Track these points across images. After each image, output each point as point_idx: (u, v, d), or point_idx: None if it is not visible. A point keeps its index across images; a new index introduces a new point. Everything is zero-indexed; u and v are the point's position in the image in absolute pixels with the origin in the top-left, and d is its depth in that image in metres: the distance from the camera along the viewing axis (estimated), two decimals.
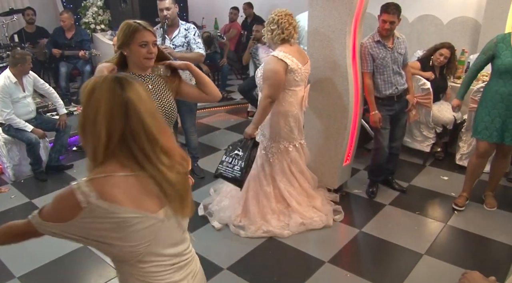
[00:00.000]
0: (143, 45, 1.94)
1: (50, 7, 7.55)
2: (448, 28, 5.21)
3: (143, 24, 1.97)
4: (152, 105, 1.20)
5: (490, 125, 3.24)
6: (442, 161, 4.43)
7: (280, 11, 2.97)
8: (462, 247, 3.12)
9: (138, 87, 1.17)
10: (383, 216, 3.50)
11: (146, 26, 1.96)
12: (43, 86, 4.37)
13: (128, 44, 1.96)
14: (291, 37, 2.97)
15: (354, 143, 3.66)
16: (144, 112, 1.13)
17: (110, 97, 1.12)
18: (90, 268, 2.93)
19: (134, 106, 1.12)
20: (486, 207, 3.49)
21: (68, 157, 4.69)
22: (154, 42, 1.97)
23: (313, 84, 3.49)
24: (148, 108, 1.16)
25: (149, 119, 1.14)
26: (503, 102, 3.16)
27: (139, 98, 1.14)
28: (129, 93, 1.13)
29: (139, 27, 1.94)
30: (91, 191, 1.08)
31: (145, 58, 1.96)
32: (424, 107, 4.14)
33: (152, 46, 1.95)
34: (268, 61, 2.95)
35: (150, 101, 1.20)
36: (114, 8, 6.65)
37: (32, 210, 1.19)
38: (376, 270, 2.90)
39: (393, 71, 3.46)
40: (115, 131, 1.11)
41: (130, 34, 1.94)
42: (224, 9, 7.90)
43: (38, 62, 6.27)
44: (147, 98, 1.18)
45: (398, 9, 3.29)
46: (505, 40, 3.11)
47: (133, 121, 1.12)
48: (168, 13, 3.65)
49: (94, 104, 1.11)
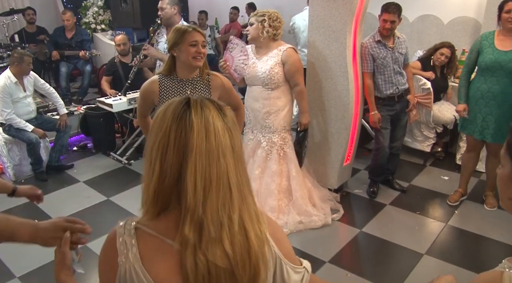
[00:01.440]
0: (193, 45, 2.04)
1: (51, 7, 7.55)
2: (448, 28, 5.20)
3: (192, 26, 2.12)
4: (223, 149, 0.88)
5: (473, 120, 3.32)
6: (443, 161, 4.43)
7: (274, 11, 3.08)
8: (462, 247, 3.12)
9: (213, 116, 0.89)
10: (384, 216, 3.50)
11: (196, 28, 2.08)
12: (43, 86, 4.37)
13: (178, 44, 2.07)
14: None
15: (354, 143, 3.66)
16: (200, 153, 0.86)
17: (173, 122, 0.88)
18: (90, 268, 2.93)
19: (193, 141, 0.86)
20: (487, 207, 3.50)
21: (68, 157, 4.69)
22: (203, 42, 2.08)
23: (313, 84, 3.50)
24: (211, 151, 0.87)
25: (204, 166, 0.87)
26: (483, 99, 3.22)
27: (204, 132, 0.87)
28: (196, 120, 0.87)
29: (189, 29, 2.07)
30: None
31: (193, 57, 2.06)
32: (425, 107, 4.14)
33: (201, 47, 2.05)
34: (290, 54, 3.08)
35: (221, 142, 0.89)
36: (115, 8, 6.65)
37: (32, 210, 1.18)
38: (377, 270, 2.90)
39: (393, 71, 3.46)
40: (167, 169, 0.87)
41: (180, 35, 2.07)
42: (224, 9, 7.89)
43: (39, 62, 6.27)
44: (221, 136, 0.89)
45: (398, 8, 3.30)
46: (489, 38, 3.18)
47: (188, 161, 0.86)
48: (162, 13, 3.70)
49: (156, 127, 0.90)
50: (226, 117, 0.92)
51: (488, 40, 3.17)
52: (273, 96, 3.14)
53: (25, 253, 2.90)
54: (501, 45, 3.10)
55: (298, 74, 3.13)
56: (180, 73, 2.20)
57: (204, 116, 0.89)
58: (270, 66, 3.06)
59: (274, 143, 3.24)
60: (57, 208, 3.63)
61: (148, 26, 6.57)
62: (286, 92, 3.18)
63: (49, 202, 3.78)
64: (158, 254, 0.89)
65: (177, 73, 2.21)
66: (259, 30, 3.03)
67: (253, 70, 3.12)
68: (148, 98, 2.26)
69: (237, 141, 0.93)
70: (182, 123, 0.88)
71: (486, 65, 3.13)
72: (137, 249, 0.88)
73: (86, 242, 1.19)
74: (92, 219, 3.48)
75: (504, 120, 3.16)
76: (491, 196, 3.52)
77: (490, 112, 3.20)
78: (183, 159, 0.86)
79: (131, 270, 0.88)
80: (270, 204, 3.26)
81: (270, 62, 3.07)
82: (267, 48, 3.11)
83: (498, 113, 3.17)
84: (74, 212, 3.52)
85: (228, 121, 0.92)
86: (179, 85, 2.23)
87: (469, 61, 3.31)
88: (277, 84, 3.11)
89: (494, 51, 3.11)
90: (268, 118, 3.17)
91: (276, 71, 3.07)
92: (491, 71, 3.10)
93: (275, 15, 3.05)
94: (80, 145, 4.95)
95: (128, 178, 4.18)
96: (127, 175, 4.28)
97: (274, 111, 3.16)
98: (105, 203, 3.74)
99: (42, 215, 3.51)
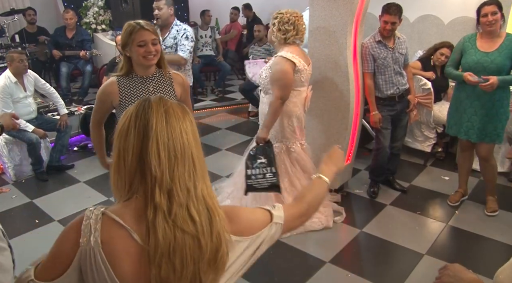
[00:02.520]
0: (141, 45, 1.97)
1: (51, 7, 7.56)
2: (449, 28, 5.20)
3: (142, 23, 2.00)
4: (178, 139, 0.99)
5: (458, 121, 3.36)
6: (443, 161, 4.43)
7: (293, 12, 2.92)
8: (463, 247, 3.12)
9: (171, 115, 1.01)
10: (384, 216, 3.50)
11: (144, 26, 1.98)
12: (44, 86, 4.38)
13: (128, 45, 2.01)
14: (302, 39, 2.99)
15: (355, 143, 3.66)
16: (162, 140, 0.97)
17: (134, 108, 1.02)
18: None
19: (155, 130, 0.97)
20: (487, 211, 3.44)
21: (69, 157, 4.70)
22: (153, 40, 1.99)
23: (314, 84, 3.48)
24: (172, 128, 0.99)
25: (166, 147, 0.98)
26: (468, 99, 3.27)
27: (163, 113, 0.99)
28: (154, 116, 0.99)
29: (136, 27, 1.98)
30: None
31: (143, 56, 1.99)
32: (425, 107, 4.14)
33: (151, 45, 1.98)
34: (276, 62, 2.90)
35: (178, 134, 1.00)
36: (115, 8, 6.66)
37: (32, 210, 1.18)
38: (377, 270, 2.90)
39: (394, 71, 3.46)
40: (129, 148, 0.98)
41: (128, 35, 1.99)
42: (225, 9, 7.90)
43: (39, 62, 6.28)
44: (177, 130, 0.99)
45: (399, 9, 3.30)
46: (471, 40, 3.25)
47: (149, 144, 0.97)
48: (159, 13, 3.69)
49: (120, 119, 1.03)
50: (185, 109, 1.05)
51: (470, 42, 3.24)
52: (265, 101, 3.06)
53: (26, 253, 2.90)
54: (482, 46, 3.17)
55: (275, 85, 2.89)
56: (138, 71, 2.13)
57: (163, 102, 1.01)
58: (263, 70, 3.02)
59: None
60: (57, 208, 3.64)
61: None
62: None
63: (49, 202, 3.79)
64: (120, 241, 0.95)
65: (135, 72, 2.14)
66: (271, 34, 3.00)
67: None
68: (106, 101, 2.17)
69: (196, 128, 1.05)
70: (141, 108, 1.00)
71: (469, 66, 3.19)
72: (99, 233, 0.94)
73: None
74: None
75: (488, 119, 3.21)
76: (491, 200, 3.48)
77: (475, 113, 3.24)
78: (144, 137, 0.96)
79: (90, 254, 0.94)
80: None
81: (266, 66, 3.02)
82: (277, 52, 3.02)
83: (482, 113, 3.21)
84: (74, 212, 3.52)
85: (187, 111, 1.04)
86: (140, 82, 2.15)
87: (452, 62, 3.37)
88: (266, 90, 3.03)
89: (477, 52, 3.18)
90: (260, 121, 3.16)
91: (263, 77, 3.00)
92: (474, 72, 3.13)
93: (288, 17, 2.88)
94: (81, 145, 4.96)
95: None
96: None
97: (264, 115, 3.05)
98: (105, 203, 3.72)
99: (42, 215, 3.52)
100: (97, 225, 0.95)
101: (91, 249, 0.94)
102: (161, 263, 0.93)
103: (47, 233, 3.29)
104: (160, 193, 0.95)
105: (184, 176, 0.98)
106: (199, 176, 1.01)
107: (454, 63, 3.36)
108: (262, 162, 2.86)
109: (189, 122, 1.03)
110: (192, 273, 0.96)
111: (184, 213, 0.96)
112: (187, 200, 0.97)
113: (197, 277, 0.97)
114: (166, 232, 0.93)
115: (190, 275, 0.96)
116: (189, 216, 0.96)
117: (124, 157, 0.98)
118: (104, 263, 0.94)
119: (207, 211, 0.99)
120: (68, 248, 0.97)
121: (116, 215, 0.97)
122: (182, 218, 0.95)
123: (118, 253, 0.95)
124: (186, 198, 0.97)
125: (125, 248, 0.95)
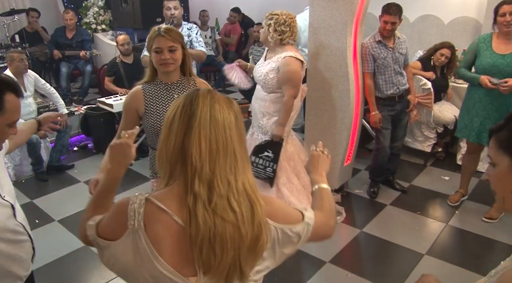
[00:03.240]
0: (158, 51, 1.93)
1: (51, 7, 7.56)
2: (449, 28, 5.20)
3: (161, 29, 1.95)
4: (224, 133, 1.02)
5: (469, 124, 3.29)
6: (443, 161, 4.43)
7: (288, 13, 2.96)
8: (463, 247, 3.12)
9: (216, 108, 1.03)
10: (384, 216, 3.50)
11: (162, 32, 1.93)
12: (44, 86, 4.38)
13: (149, 50, 1.99)
14: (295, 39, 3.06)
15: (355, 143, 3.66)
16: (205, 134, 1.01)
17: (181, 99, 1.06)
18: (91, 268, 2.94)
19: (198, 123, 1.01)
20: (484, 217, 3.36)
21: (69, 157, 4.69)
22: (170, 47, 1.93)
23: (314, 84, 3.50)
24: (216, 122, 1.02)
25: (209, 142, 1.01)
26: (481, 102, 3.19)
27: (209, 106, 1.02)
28: (201, 109, 1.02)
29: (154, 34, 1.94)
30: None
31: (160, 64, 1.95)
32: (425, 107, 4.14)
33: (167, 52, 1.92)
34: (287, 62, 2.92)
35: (222, 128, 1.02)
36: (115, 8, 6.66)
37: (33, 211, 1.20)
38: (377, 270, 2.90)
39: (394, 71, 3.46)
40: (172, 136, 1.03)
41: (149, 40, 1.97)
42: (225, 9, 7.89)
43: (39, 62, 6.28)
44: (222, 124, 1.02)
45: (399, 9, 3.30)
46: (486, 41, 3.15)
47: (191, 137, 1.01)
48: (176, 12, 3.75)
49: (168, 109, 1.08)
50: (232, 103, 1.07)
51: (485, 43, 3.14)
52: (269, 99, 3.07)
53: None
54: (498, 48, 3.07)
55: (287, 85, 2.95)
56: (161, 77, 2.08)
57: (210, 96, 1.05)
58: (267, 71, 3.02)
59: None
60: (57, 208, 3.64)
61: (148, 26, 6.59)
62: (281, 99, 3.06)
63: (49, 202, 3.79)
64: (162, 224, 1.00)
65: (159, 78, 2.09)
66: (266, 34, 3.00)
67: (257, 70, 3.11)
68: (131, 109, 2.10)
69: (241, 124, 1.07)
70: (188, 99, 1.04)
71: (484, 68, 3.10)
72: (142, 217, 1.00)
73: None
74: None
75: None
76: (496, 208, 3.36)
77: (488, 116, 3.17)
78: (188, 128, 1.00)
79: (135, 235, 1.00)
80: None
81: (269, 67, 3.02)
82: (274, 53, 3.04)
83: (496, 116, 3.13)
84: (75, 212, 3.53)
85: (234, 105, 1.07)
86: (165, 89, 2.08)
87: (465, 63, 3.29)
88: (272, 89, 3.04)
89: (492, 54, 3.09)
90: (262, 119, 3.14)
91: (271, 77, 3.00)
92: (489, 74, 3.06)
93: (284, 18, 2.91)
94: (81, 145, 4.95)
95: (129, 178, 4.18)
96: (127, 175, 4.23)
97: (267, 114, 3.08)
98: None
99: (42, 215, 3.52)
100: (140, 209, 1.00)
101: (136, 231, 1.00)
102: (202, 247, 0.97)
103: (47, 233, 3.29)
104: (200, 183, 0.99)
105: (226, 169, 1.01)
106: (240, 170, 1.03)
107: (467, 65, 3.27)
108: (268, 156, 3.02)
109: (234, 117, 1.05)
110: (232, 258, 0.99)
111: (224, 203, 0.99)
112: (228, 191, 1.00)
113: (237, 262, 1.01)
114: (206, 219, 0.97)
115: (230, 260, 0.99)
116: (230, 206, 0.99)
117: (167, 145, 1.03)
118: (148, 244, 0.99)
119: (248, 202, 1.02)
120: (119, 227, 1.04)
121: (158, 200, 1.01)
122: (222, 208, 0.99)
123: (160, 235, 1.00)
124: (227, 190, 1.00)
125: (167, 229, 1.00)
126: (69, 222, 3.41)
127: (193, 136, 1.00)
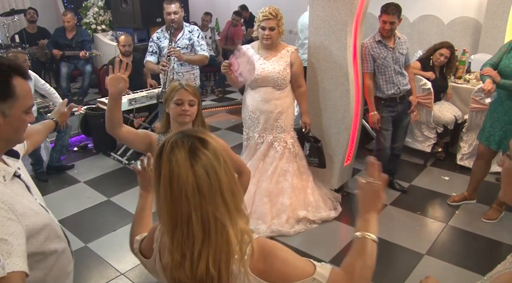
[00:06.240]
0: (179, 103, 2.08)
1: (51, 8, 7.57)
2: (449, 28, 5.21)
3: (183, 84, 2.14)
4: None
5: (489, 129, 3.21)
6: (443, 161, 4.43)
7: (276, 8, 3.06)
8: (463, 247, 3.12)
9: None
10: (384, 216, 3.49)
11: (184, 86, 2.11)
12: (43, 86, 4.37)
13: (167, 101, 2.13)
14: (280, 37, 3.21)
15: (355, 143, 3.66)
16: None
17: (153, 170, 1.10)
18: (91, 267, 2.94)
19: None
20: (483, 218, 3.36)
21: (69, 158, 4.69)
22: (191, 101, 2.09)
23: (314, 84, 3.50)
24: (175, 195, 1.00)
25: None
26: (502, 107, 3.12)
27: (168, 180, 1.01)
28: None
29: (177, 87, 2.11)
30: None
31: (179, 114, 2.10)
32: (425, 107, 4.14)
33: (187, 105, 2.08)
34: (297, 55, 3.17)
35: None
36: (115, 9, 6.67)
37: None
38: (377, 270, 2.86)
39: (394, 71, 3.46)
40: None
41: (169, 92, 2.13)
42: (225, 9, 7.89)
43: (39, 62, 6.28)
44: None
45: (398, 9, 3.30)
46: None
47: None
48: (176, 17, 3.76)
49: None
50: (197, 157, 1.00)
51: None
52: (283, 95, 3.20)
53: None
54: None
55: (302, 76, 3.24)
56: (174, 128, 2.19)
57: (170, 160, 0.99)
58: (283, 66, 3.11)
59: (286, 142, 3.27)
60: (57, 208, 3.63)
61: (148, 26, 6.60)
62: (290, 91, 3.26)
63: (49, 203, 3.75)
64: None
65: (172, 129, 2.19)
66: (278, 34, 3.07)
67: (264, 71, 3.11)
68: (144, 140, 2.19)
69: (205, 179, 0.99)
70: (157, 171, 1.03)
71: (501, 71, 3.00)
72: (158, 244, 1.18)
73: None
74: (93, 219, 3.49)
75: None
76: (494, 208, 3.38)
77: (510, 121, 3.07)
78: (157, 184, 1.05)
79: (155, 257, 1.18)
80: (283, 202, 3.25)
81: (282, 62, 3.11)
82: (276, 49, 3.14)
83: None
84: (75, 212, 3.53)
85: (199, 161, 0.99)
86: None
87: (491, 61, 3.12)
88: (285, 85, 3.19)
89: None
90: (280, 118, 3.21)
91: (288, 72, 3.14)
92: (509, 78, 2.95)
93: (281, 15, 3.06)
94: (81, 145, 4.95)
95: (129, 178, 4.17)
96: (127, 175, 4.28)
97: (285, 111, 3.22)
98: (105, 203, 3.73)
99: None
100: (158, 239, 1.18)
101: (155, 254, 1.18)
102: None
103: None
104: (171, 247, 1.09)
105: (180, 244, 1.05)
106: (197, 241, 1.01)
107: (493, 63, 3.09)
108: (315, 161, 3.39)
109: (194, 175, 0.99)
110: None
111: (179, 272, 1.06)
112: (183, 262, 1.05)
113: None
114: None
115: None
116: (185, 275, 1.05)
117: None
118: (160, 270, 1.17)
119: (207, 271, 1.03)
120: (150, 248, 1.22)
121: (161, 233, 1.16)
122: (178, 274, 1.07)
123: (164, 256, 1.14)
124: (183, 261, 1.04)
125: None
126: (69, 222, 3.40)
127: (159, 211, 1.06)
